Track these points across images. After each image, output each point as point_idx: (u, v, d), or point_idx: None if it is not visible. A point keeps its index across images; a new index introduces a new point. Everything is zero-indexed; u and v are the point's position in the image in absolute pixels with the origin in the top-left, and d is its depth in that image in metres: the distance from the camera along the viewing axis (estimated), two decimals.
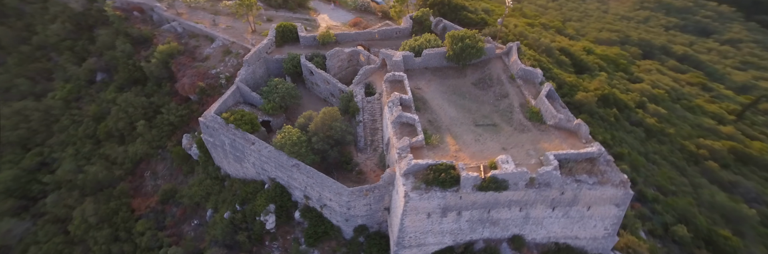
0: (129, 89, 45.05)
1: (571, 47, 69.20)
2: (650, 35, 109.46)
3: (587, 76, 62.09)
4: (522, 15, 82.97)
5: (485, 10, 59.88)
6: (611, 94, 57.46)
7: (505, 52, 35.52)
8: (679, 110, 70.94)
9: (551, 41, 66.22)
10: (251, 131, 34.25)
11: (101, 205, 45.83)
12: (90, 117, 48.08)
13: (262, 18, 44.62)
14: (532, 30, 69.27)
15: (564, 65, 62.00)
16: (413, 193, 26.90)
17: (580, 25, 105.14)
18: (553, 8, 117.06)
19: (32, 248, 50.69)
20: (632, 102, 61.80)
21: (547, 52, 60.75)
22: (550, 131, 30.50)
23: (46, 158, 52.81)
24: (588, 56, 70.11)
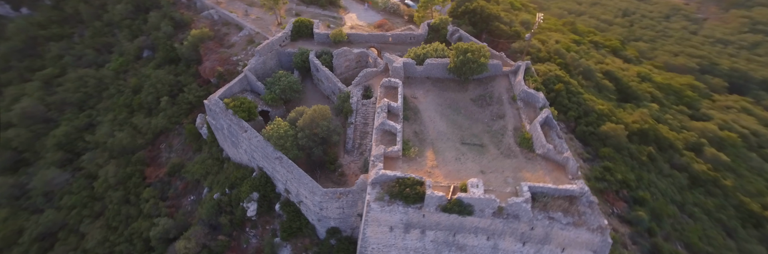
0: (164, 67, 47.46)
1: (620, 71, 60.27)
2: (752, 65, 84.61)
3: (631, 106, 52.89)
4: (572, 30, 73.59)
5: (523, 23, 54.69)
6: (653, 129, 47.85)
7: (513, 71, 32.14)
8: (755, 161, 56.35)
9: (596, 63, 58.73)
10: (247, 118, 34.08)
11: (120, 168, 48.59)
12: (130, 89, 51.35)
13: (291, 12, 44.64)
14: (577, 48, 61.16)
15: (605, 90, 54.16)
16: (375, 204, 25.01)
17: (649, 47, 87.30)
18: (619, 24, 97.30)
19: (66, 197, 55.05)
20: (681, 143, 50.49)
21: (585, 74, 53.92)
22: (537, 161, 26.98)
23: (92, 120, 57.22)
24: (641, 84, 59.75)
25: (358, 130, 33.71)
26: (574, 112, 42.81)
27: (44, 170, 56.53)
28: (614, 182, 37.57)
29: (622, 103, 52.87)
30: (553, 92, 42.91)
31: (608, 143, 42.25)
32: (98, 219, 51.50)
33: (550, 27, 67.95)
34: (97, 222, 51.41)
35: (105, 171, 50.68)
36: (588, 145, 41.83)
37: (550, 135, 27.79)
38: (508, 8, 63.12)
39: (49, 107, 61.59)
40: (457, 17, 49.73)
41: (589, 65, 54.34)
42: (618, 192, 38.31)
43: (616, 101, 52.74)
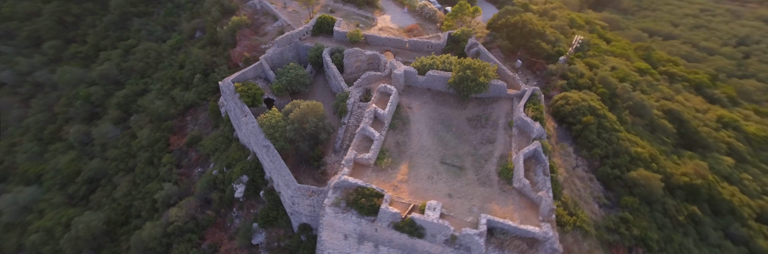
0: (206, 48, 49.65)
1: (691, 112, 47.00)
2: None
3: (692, 155, 41.12)
4: (643, 57, 59.83)
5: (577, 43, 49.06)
6: (708, 187, 36.34)
7: (518, 95, 28.46)
8: None
9: (659, 99, 47.14)
10: (251, 104, 34.07)
11: (152, 133, 51.83)
12: (178, 63, 54.60)
13: (326, 9, 44.05)
14: (638, 78, 49.71)
15: (660, 132, 43.18)
16: (330, 208, 23.51)
17: (755, 88, 65.89)
18: (725, 55, 74.38)
19: (111, 150, 60.25)
20: (751, 210, 38.81)
21: (635, 109, 43.59)
22: (511, 195, 23.62)
23: (146, 87, 61.94)
24: (718, 131, 46.58)
25: (349, 131, 32.14)
26: (601, 150, 35.51)
27: (104, 124, 62.65)
28: (629, 237, 30.46)
29: (681, 150, 42.10)
30: (580, 124, 36.59)
31: (636, 192, 33.83)
32: (129, 174, 55.60)
33: (613, 51, 57.16)
34: (127, 176, 55.52)
35: (142, 133, 54.49)
36: (610, 190, 34.27)
37: (535, 170, 24.19)
38: (563, 24, 56.11)
39: (121, 72, 68.01)
40: (495, 29, 45.78)
41: (643, 100, 44.22)
42: (631, 250, 31.11)
43: (672, 146, 42.00)
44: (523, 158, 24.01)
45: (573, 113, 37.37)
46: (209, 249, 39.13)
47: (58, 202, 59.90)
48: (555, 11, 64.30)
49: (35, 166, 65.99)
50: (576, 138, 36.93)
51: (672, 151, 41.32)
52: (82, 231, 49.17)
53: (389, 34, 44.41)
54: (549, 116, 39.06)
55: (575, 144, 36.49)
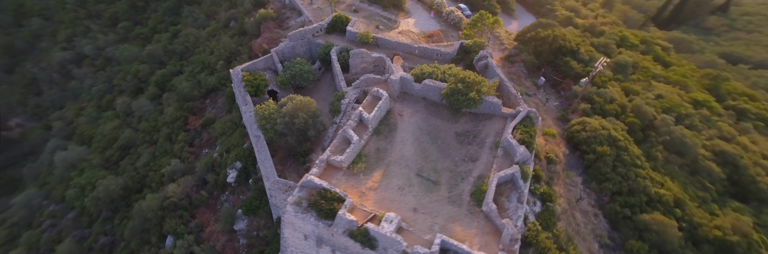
0: (235, 37, 50.77)
1: (752, 157, 38.78)
2: None
3: (740, 208, 34.35)
4: (708, 87, 49.74)
5: (620, 65, 43.44)
6: (749, 248, 30.50)
7: (512, 115, 25.89)
8: None
9: (711, 138, 39.54)
10: (253, 94, 34.00)
11: (175, 111, 53.81)
12: (210, 49, 56.30)
13: (351, 8, 43.21)
14: (691, 111, 41.19)
15: (702, 176, 36.34)
16: (291, 207, 22.57)
17: None
18: None
19: (143, 122, 63.57)
20: None
21: (671, 145, 36.33)
22: (478, 218, 21.43)
23: (182, 68, 64.62)
24: None
25: (340, 131, 31.10)
26: (613, 185, 31.27)
27: (142, 98, 66.46)
28: None
29: (728, 199, 35.50)
30: (594, 153, 32.69)
31: (647, 238, 29.21)
32: (151, 146, 58.26)
33: (668, 76, 48.68)
34: (150, 148, 58.18)
35: (168, 110, 56.81)
36: (617, 230, 30.52)
37: (509, 196, 21.82)
38: (610, 43, 49.97)
39: (166, 53, 71.83)
40: (523, 43, 42.73)
41: (684, 136, 36.49)
42: None
43: (717, 193, 35.51)
44: (496, 182, 21.74)
45: (588, 141, 33.65)
46: (196, 228, 39.70)
47: (96, 163, 64.19)
48: (604, 27, 58.64)
49: (90, 129, 71.54)
50: (587, 168, 33.31)
51: (714, 199, 34.60)
52: (102, 192, 51.91)
53: (407, 38, 42.85)
54: (562, 141, 35.75)
55: (585, 175, 32.95)
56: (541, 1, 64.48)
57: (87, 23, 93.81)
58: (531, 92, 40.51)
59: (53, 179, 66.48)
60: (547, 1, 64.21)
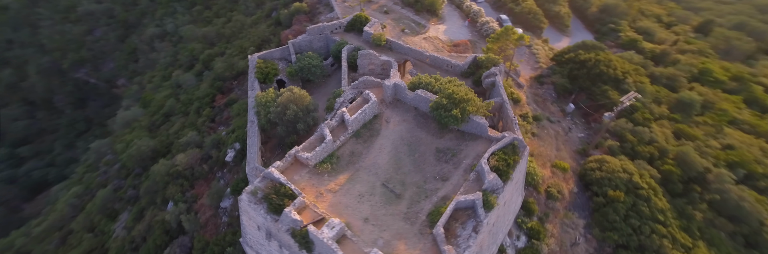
0: (271, 27, 51.85)
1: None
2: None
3: None
4: None
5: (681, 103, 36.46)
6: None
7: (497, 139, 23.11)
8: None
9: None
10: (262, 80, 34.02)
11: (207, 88, 56.26)
12: (248, 36, 58.20)
13: (382, 9, 41.90)
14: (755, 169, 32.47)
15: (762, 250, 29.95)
16: (245, 195, 21.96)
17: None
18: None
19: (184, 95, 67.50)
20: None
21: (728, 211, 30.02)
22: (425, 240, 19.49)
23: (225, 50, 67.69)
24: None
25: None
26: (620, 237, 26.89)
27: (189, 74, 70.79)
28: None
29: None
30: (605, 198, 28.37)
31: None
32: (184, 117, 61.63)
33: (760, 125, 38.38)
34: (182, 118, 61.57)
35: (203, 86, 59.58)
36: None
37: (466, 224, 19.40)
38: (679, 75, 41.17)
39: (217, 36, 75.77)
40: (560, 64, 38.78)
41: (744, 200, 29.77)
42: None
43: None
44: (455, 206, 19.45)
45: (600, 182, 29.37)
46: (191, 198, 40.90)
47: (143, 125, 69.50)
48: (682, 56, 48.37)
49: (150, 95, 77.98)
50: (594, 212, 29.34)
51: None
52: (135, 151, 55.78)
53: (430, 45, 40.76)
54: (573, 177, 32.05)
55: (590, 219, 29.12)
56: (603, 19, 55.65)
57: (174, 5, 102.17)
58: (555, 118, 36.51)
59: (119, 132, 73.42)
60: (611, 19, 55.06)
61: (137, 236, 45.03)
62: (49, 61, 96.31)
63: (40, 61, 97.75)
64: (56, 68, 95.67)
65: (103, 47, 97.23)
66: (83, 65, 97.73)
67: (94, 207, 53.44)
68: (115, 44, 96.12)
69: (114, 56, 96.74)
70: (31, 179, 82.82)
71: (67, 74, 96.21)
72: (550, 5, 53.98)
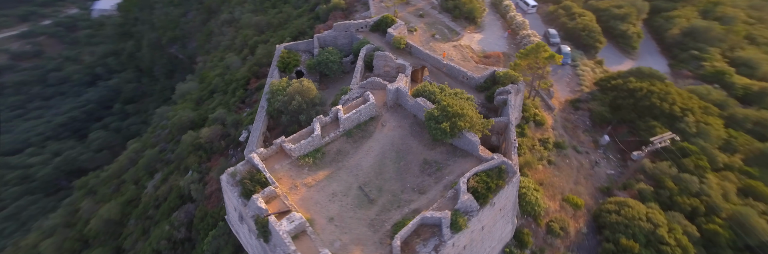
0: (311, 20, 52.54)
1: None
2: None
3: None
4: None
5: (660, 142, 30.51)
6: None
7: (486, 160, 21.01)
8: None
9: None
10: (282, 70, 34.41)
11: (245, 71, 58.72)
12: (289, 27, 59.76)
13: (418, 12, 40.39)
14: None
15: None
16: (225, 176, 22.18)
17: None
18: None
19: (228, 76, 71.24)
20: None
21: None
22: (382, 249, 18.73)
23: (269, 39, 70.22)
24: None
25: None
26: None
27: (236, 57, 74.74)
28: None
29: None
30: (616, 245, 24.58)
31: None
32: (223, 95, 65.12)
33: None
34: (221, 96, 65.09)
35: (242, 69, 62.30)
36: None
37: (427, 241, 17.93)
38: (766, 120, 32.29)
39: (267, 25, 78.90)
40: (603, 89, 34.50)
41: None
42: None
43: None
44: (420, 221, 18.04)
45: (614, 227, 25.68)
46: (204, 170, 42.93)
47: (193, 98, 74.75)
48: None
49: (207, 72, 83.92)
50: None
51: None
52: (177, 120, 60.06)
53: (459, 53, 38.66)
54: (585, 216, 28.87)
55: None
56: (685, 43, 45.71)
57: None
58: (583, 148, 32.44)
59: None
60: (696, 45, 44.97)
61: (160, 195, 48.40)
62: (155, 37, 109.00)
63: (150, 36, 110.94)
64: (158, 43, 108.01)
65: (191, 28, 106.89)
66: (175, 42, 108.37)
67: (142, 164, 58.51)
68: (198, 26, 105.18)
69: (196, 37, 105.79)
70: (130, 131, 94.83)
71: (164, 48, 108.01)
72: (616, 23, 46.58)
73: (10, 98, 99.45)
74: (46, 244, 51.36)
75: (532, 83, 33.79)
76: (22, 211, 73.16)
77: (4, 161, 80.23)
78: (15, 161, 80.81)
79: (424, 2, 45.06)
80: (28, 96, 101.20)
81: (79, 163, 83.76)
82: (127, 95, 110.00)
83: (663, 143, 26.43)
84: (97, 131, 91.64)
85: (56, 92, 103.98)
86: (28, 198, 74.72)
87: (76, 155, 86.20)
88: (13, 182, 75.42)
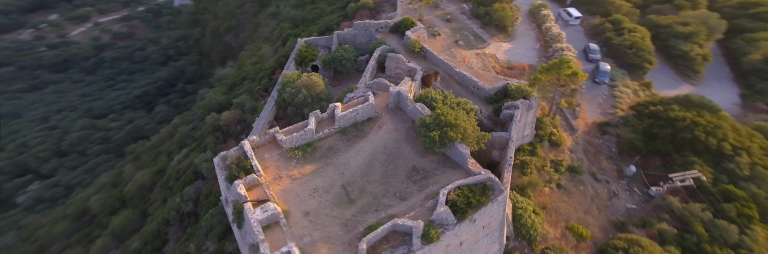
0: (340, 17, 52.72)
1: None
2: None
3: None
4: None
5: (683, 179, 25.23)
6: None
7: (473, 174, 19.64)
8: None
9: None
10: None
11: (273, 63, 60.11)
12: (320, 23, 60.39)
13: (446, 16, 38.97)
14: None
15: None
16: (217, 158, 22.52)
17: None
18: None
19: (259, 65, 73.55)
20: None
21: None
22: (349, 251, 18.21)
23: (300, 32, 71.32)
24: None
25: None
26: None
27: (270, 48, 77.02)
28: None
29: None
30: None
31: None
32: (251, 83, 67.31)
33: None
34: (249, 83, 67.34)
35: (271, 60, 63.89)
36: None
37: (396, 249, 17.12)
38: None
39: (303, 19, 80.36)
40: (639, 115, 30.79)
41: None
42: None
43: None
44: (390, 228, 17.26)
45: None
46: (218, 150, 44.25)
47: (227, 83, 78.19)
48: None
49: (244, 61, 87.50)
50: None
51: None
52: (207, 102, 62.97)
53: (480, 62, 36.93)
54: (589, 249, 26.35)
55: None
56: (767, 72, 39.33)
57: None
58: (604, 176, 29.22)
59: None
60: None
61: (180, 170, 50.86)
62: (216, 25, 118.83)
63: (212, 24, 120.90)
64: (217, 31, 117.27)
65: (244, 19, 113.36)
66: (231, 31, 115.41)
67: (176, 138, 62.17)
68: (250, 17, 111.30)
69: (247, 27, 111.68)
70: (185, 108, 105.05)
71: (221, 36, 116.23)
72: (677, 42, 40.62)
73: (106, 71, 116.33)
74: (94, 199, 56.23)
75: (554, 99, 31.38)
76: (98, 167, 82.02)
77: (93, 123, 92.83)
78: (100, 124, 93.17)
79: (454, 7, 43.47)
80: (118, 70, 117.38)
81: (144, 131, 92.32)
82: (188, 76, 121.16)
83: (685, 182, 23.41)
84: (161, 105, 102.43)
85: (138, 68, 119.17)
86: (104, 156, 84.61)
87: (143, 124, 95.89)
88: (96, 141, 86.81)
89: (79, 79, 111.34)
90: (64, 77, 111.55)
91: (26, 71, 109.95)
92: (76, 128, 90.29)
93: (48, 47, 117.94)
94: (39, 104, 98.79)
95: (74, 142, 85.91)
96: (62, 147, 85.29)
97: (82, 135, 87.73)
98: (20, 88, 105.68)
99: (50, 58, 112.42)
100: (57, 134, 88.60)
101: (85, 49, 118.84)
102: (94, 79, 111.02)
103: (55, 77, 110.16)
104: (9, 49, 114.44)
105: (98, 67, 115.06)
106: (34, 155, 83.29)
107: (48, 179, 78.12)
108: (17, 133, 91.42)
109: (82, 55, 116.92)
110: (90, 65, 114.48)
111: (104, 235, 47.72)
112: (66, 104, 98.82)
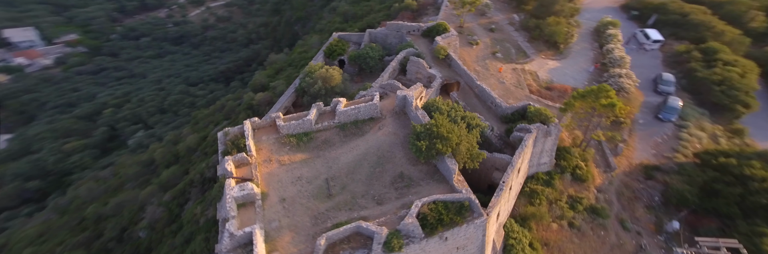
0: (383, 17, 52.27)
1: None
2: None
3: None
4: None
5: None
6: None
7: (456, 190, 18.02)
8: None
9: None
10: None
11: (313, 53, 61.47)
12: (364, 20, 60.65)
13: (490, 26, 36.59)
14: None
15: None
16: (220, 133, 23.40)
17: None
18: None
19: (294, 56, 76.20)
20: None
21: None
22: (309, 244, 17.76)
23: (346, 27, 71.91)
24: None
25: None
26: None
27: (317, 39, 79.15)
28: None
29: None
30: None
31: None
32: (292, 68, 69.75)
33: None
34: (291, 69, 69.80)
35: (314, 50, 65.47)
36: None
37: (355, 251, 16.38)
38: None
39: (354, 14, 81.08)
40: (702, 165, 25.42)
41: None
42: None
43: None
44: (353, 229, 16.55)
45: None
46: None
47: (276, 68, 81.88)
48: None
49: (297, 49, 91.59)
50: None
51: None
52: (253, 81, 66.61)
53: (514, 78, 33.90)
54: None
55: None
56: None
57: None
58: (636, 226, 25.53)
59: None
60: None
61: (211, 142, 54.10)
62: (290, 15, 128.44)
63: (288, 14, 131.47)
64: (290, 21, 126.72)
65: (312, 11, 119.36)
66: (300, 21, 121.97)
67: (225, 111, 67.00)
68: (317, 10, 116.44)
69: (313, 18, 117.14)
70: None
71: (292, 25, 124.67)
72: None
73: (206, 47, 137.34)
74: (158, 152, 62.83)
75: (589, 129, 27.68)
76: (182, 126, 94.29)
77: (188, 89, 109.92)
78: (192, 91, 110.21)
79: (502, 16, 40.65)
80: (213, 47, 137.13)
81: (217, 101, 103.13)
82: (261, 59, 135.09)
83: (720, 251, 19.61)
84: (236, 81, 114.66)
85: (227, 48, 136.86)
86: (186, 118, 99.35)
87: (220, 95, 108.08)
88: (186, 105, 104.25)
89: (187, 52, 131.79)
90: (178, 49, 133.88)
91: (156, 42, 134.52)
92: (175, 91, 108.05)
93: (173, 24, 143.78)
94: (158, 68, 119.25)
95: (172, 103, 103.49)
96: (164, 105, 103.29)
97: (178, 98, 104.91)
98: (150, 55, 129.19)
99: (173, 33, 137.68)
100: (163, 95, 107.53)
101: (196, 28, 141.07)
102: (196, 53, 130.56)
103: (172, 48, 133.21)
104: (149, 24, 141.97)
105: (201, 43, 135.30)
106: (146, 109, 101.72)
107: (149, 130, 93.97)
108: (141, 90, 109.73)
109: (193, 33, 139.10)
110: (197, 41, 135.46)
111: (153, 183, 52.57)
112: (174, 71, 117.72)
